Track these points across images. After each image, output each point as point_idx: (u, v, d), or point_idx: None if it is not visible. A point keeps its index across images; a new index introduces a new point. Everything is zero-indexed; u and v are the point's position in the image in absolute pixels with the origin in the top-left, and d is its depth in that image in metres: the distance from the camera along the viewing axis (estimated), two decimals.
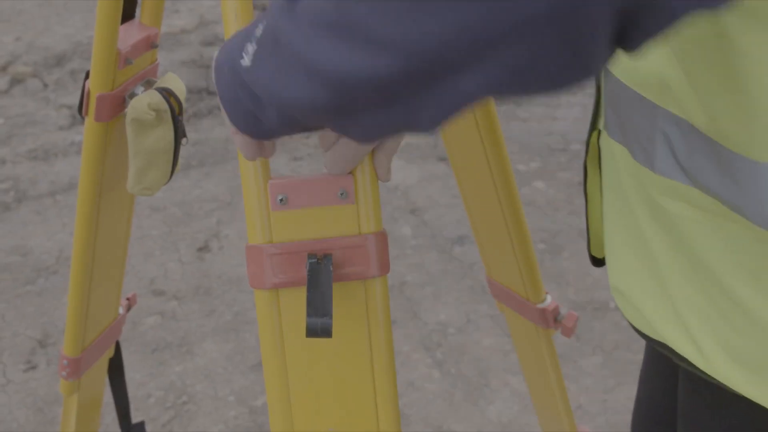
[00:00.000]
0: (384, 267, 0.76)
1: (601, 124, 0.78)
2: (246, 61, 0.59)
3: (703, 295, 0.68)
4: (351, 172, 0.76)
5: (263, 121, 0.62)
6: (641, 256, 0.73)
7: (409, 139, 3.33)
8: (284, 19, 0.54)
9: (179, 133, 1.10)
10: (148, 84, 1.12)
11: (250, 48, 0.59)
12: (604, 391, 2.16)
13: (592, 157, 0.82)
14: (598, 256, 0.91)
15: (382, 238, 0.76)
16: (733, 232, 0.64)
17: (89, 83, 1.08)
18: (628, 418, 2.07)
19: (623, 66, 0.68)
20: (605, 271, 0.92)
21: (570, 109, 3.58)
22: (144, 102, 1.05)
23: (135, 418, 1.91)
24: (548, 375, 1.36)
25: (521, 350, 1.43)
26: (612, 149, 0.74)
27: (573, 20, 0.41)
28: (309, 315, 0.71)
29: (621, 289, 0.77)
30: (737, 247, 0.64)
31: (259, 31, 0.58)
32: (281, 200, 0.75)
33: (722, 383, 0.69)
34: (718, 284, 0.66)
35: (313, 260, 0.73)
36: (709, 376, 0.70)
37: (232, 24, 0.78)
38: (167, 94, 1.08)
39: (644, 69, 0.65)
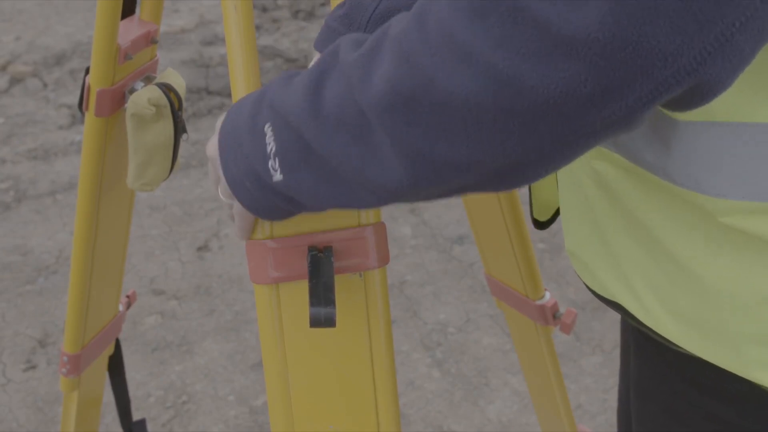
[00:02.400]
0: (383, 258, 0.77)
1: None
2: (277, 176, 0.62)
3: (642, 251, 0.69)
4: None
5: (295, 211, 0.67)
6: (588, 218, 0.75)
7: None
8: (312, 131, 0.58)
9: (179, 129, 1.10)
10: (148, 80, 1.12)
11: (274, 164, 0.62)
12: (604, 390, 2.16)
13: None
14: (541, 219, 0.95)
15: (381, 229, 0.76)
16: (655, 188, 0.66)
17: (89, 78, 1.08)
18: None
19: None
20: None
21: None
22: (144, 97, 1.05)
23: (135, 418, 1.91)
24: (548, 373, 1.36)
25: (521, 348, 1.43)
26: None
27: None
28: (312, 305, 0.71)
29: (575, 251, 0.79)
30: (663, 204, 0.66)
31: (272, 147, 0.62)
32: None
33: (665, 337, 0.70)
34: (654, 240, 0.68)
35: (314, 252, 0.74)
36: (654, 332, 0.72)
37: (232, 23, 0.78)
38: (167, 89, 1.08)
39: None
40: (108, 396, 1.72)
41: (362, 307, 0.77)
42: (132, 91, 1.09)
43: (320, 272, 0.73)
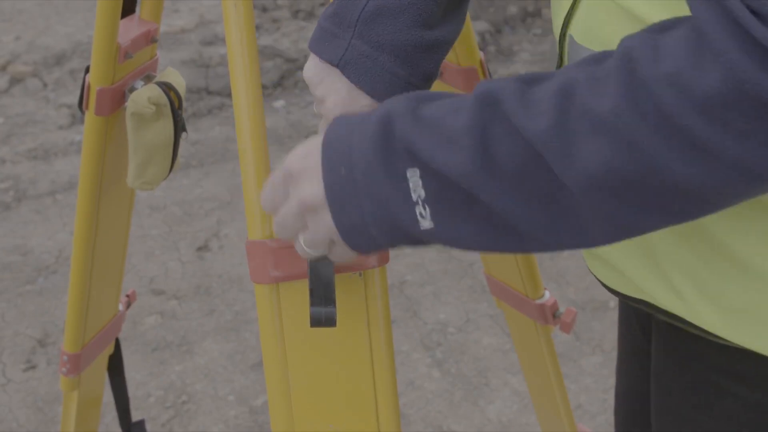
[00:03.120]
0: (383, 258, 0.77)
1: None
2: (426, 224, 0.60)
3: (687, 247, 0.71)
4: None
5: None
6: None
7: None
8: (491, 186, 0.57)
9: (179, 127, 1.10)
10: (148, 78, 1.12)
11: (423, 212, 0.60)
12: (604, 390, 2.16)
13: None
14: None
15: None
16: None
17: (89, 77, 1.08)
18: None
19: (585, 32, 0.72)
20: None
21: None
22: (144, 96, 1.05)
23: (135, 418, 1.91)
24: (548, 373, 1.36)
25: (521, 348, 1.43)
26: None
27: None
28: (313, 305, 0.71)
29: (598, 253, 0.80)
30: None
31: (419, 194, 0.59)
32: None
33: (702, 328, 0.73)
34: (702, 235, 0.70)
35: None
36: (688, 324, 0.74)
37: (232, 23, 0.78)
38: (167, 88, 1.08)
39: (606, 35, 0.68)
40: (108, 396, 1.72)
41: (362, 307, 0.77)
42: (132, 90, 1.09)
43: (320, 272, 0.73)
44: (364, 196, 0.62)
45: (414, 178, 0.60)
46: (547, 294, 1.30)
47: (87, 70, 1.09)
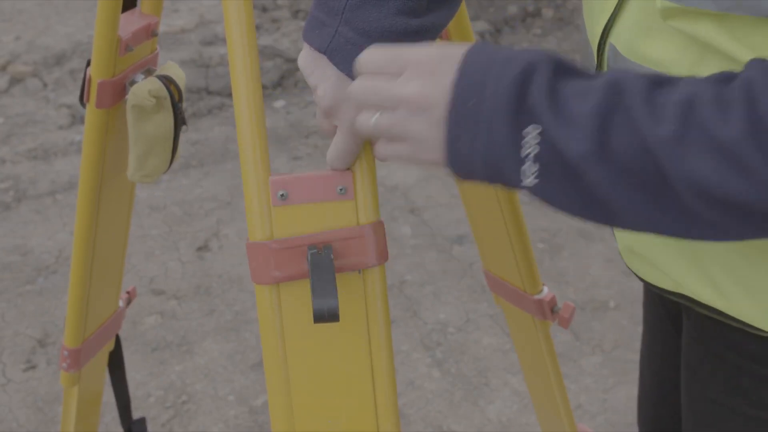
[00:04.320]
0: (382, 255, 0.77)
1: None
2: (530, 180, 0.62)
3: (728, 244, 0.73)
4: (350, 168, 0.77)
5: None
6: None
7: None
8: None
9: (179, 120, 1.11)
10: (149, 72, 1.13)
11: (532, 167, 0.62)
12: (603, 390, 2.16)
13: None
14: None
15: (379, 227, 0.77)
16: None
17: (90, 70, 1.08)
18: (627, 417, 2.08)
19: (631, 45, 0.72)
20: (605, 270, 0.93)
21: None
22: (144, 89, 1.06)
23: (135, 417, 1.91)
24: (548, 373, 1.36)
25: (520, 346, 1.43)
26: None
27: None
28: (315, 299, 0.71)
29: (637, 250, 0.84)
30: None
31: (532, 150, 0.61)
32: (282, 196, 0.75)
33: (741, 320, 0.77)
34: None
35: (314, 250, 0.74)
36: (727, 317, 0.78)
37: (232, 23, 0.78)
38: (167, 81, 1.09)
39: (657, 54, 0.70)
40: (108, 396, 1.72)
41: (361, 306, 0.77)
42: (133, 83, 1.10)
43: (321, 269, 0.73)
44: (484, 132, 0.63)
45: (534, 133, 0.61)
46: (545, 289, 1.30)
47: (88, 64, 1.09)
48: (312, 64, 0.75)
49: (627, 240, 0.85)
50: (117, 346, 1.40)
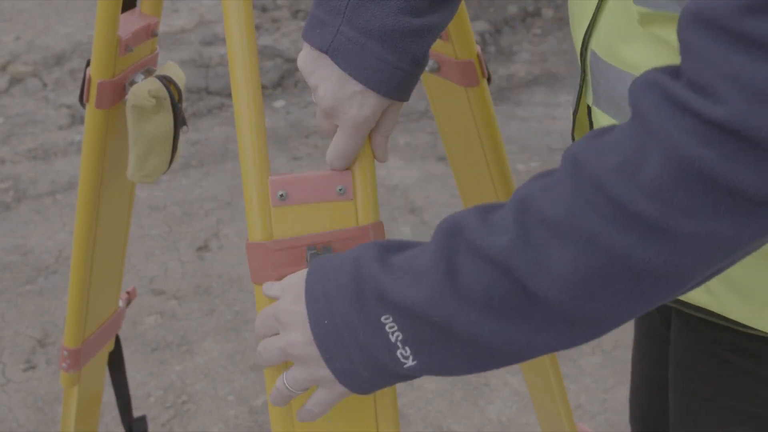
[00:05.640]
0: None
1: (590, 101, 0.81)
2: (410, 363, 0.64)
3: None
4: (349, 169, 0.77)
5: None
6: None
7: (408, 139, 3.33)
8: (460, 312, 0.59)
9: (179, 121, 1.11)
10: (149, 72, 1.13)
11: (404, 352, 0.63)
12: (603, 390, 2.16)
13: (579, 130, 0.87)
14: None
15: (378, 227, 0.77)
16: None
17: (90, 70, 1.08)
18: (627, 417, 2.07)
19: (608, 48, 0.73)
20: None
21: (569, 108, 3.58)
22: (144, 89, 1.06)
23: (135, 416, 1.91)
24: (547, 371, 1.36)
25: None
26: (603, 122, 0.79)
27: None
28: None
29: None
30: None
31: (398, 336, 0.62)
32: (281, 196, 0.75)
33: (729, 318, 0.78)
34: None
35: (313, 251, 0.74)
36: (714, 315, 0.79)
37: (232, 23, 0.78)
38: (167, 81, 1.09)
39: (630, 56, 0.70)
40: (108, 396, 1.72)
41: None
42: (132, 83, 1.10)
43: None
44: (349, 344, 0.65)
45: (389, 322, 0.62)
46: None
47: (88, 64, 1.09)
48: (312, 64, 0.75)
49: None
50: (117, 346, 1.40)
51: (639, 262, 0.54)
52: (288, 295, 0.70)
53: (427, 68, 1.17)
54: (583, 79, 0.81)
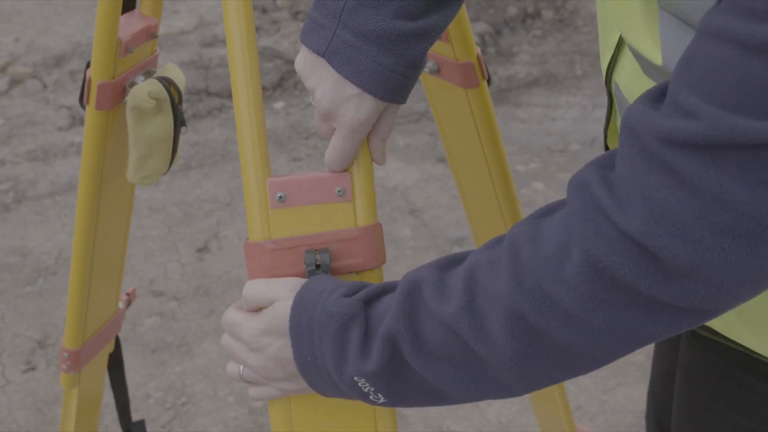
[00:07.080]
0: (380, 258, 0.77)
1: (618, 122, 0.83)
2: (381, 400, 0.71)
3: None
4: (348, 170, 0.77)
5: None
6: None
7: (408, 140, 3.33)
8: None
9: (179, 122, 1.11)
10: (149, 74, 1.13)
11: (376, 397, 0.70)
12: (603, 391, 2.16)
13: (612, 139, 0.88)
14: None
15: (377, 229, 0.77)
16: None
17: (90, 72, 1.08)
18: (627, 418, 2.08)
19: (629, 86, 0.75)
20: None
21: (569, 109, 3.59)
22: (144, 90, 1.06)
23: (134, 419, 1.91)
24: None
25: None
26: None
27: None
28: None
29: None
30: None
31: (369, 388, 0.69)
32: (280, 198, 0.75)
33: (738, 343, 0.80)
34: None
35: (312, 252, 0.74)
36: (724, 338, 0.81)
37: (232, 24, 0.78)
38: (167, 83, 1.09)
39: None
40: (107, 397, 1.72)
41: None
42: (132, 84, 1.10)
43: (318, 270, 0.73)
44: (330, 378, 0.71)
45: (361, 380, 0.69)
46: None
47: (88, 65, 1.09)
48: (309, 67, 0.75)
49: None
50: (117, 347, 1.40)
51: (564, 342, 0.60)
52: (267, 322, 0.74)
53: (427, 69, 1.17)
54: (609, 105, 0.83)
